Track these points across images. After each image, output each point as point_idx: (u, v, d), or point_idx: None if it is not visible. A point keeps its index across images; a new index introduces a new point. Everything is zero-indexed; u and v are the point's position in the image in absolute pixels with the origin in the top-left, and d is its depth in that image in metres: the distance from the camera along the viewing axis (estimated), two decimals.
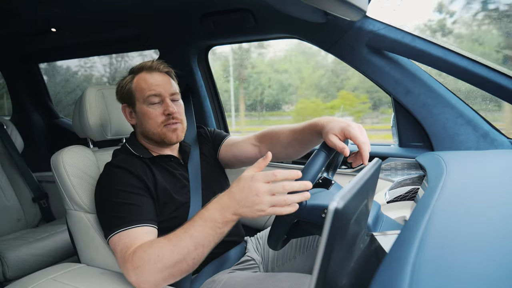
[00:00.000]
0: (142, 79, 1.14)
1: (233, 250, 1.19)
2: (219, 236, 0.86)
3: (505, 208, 0.65)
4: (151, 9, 1.69)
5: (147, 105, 1.12)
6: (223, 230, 0.86)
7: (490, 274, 0.42)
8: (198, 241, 0.85)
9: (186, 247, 0.85)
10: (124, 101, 1.18)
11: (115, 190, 1.01)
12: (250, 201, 0.80)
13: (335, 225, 0.45)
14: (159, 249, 0.87)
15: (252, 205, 0.80)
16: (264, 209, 0.80)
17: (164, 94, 1.13)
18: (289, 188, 0.79)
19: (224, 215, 0.84)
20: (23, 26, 2.00)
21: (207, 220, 0.85)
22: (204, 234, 0.85)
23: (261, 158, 0.86)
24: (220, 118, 2.12)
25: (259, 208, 0.80)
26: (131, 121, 1.20)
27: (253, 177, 0.81)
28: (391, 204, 1.35)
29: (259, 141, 1.26)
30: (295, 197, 0.80)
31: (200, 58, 1.99)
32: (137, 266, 0.87)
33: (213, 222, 0.84)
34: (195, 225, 0.86)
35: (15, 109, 2.87)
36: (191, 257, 0.86)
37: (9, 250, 1.69)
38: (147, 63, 1.17)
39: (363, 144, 0.92)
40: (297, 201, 0.80)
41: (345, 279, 0.58)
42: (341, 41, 1.48)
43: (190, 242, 0.85)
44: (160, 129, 1.13)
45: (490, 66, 1.28)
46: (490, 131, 1.34)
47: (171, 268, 0.86)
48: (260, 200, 0.79)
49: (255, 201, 0.80)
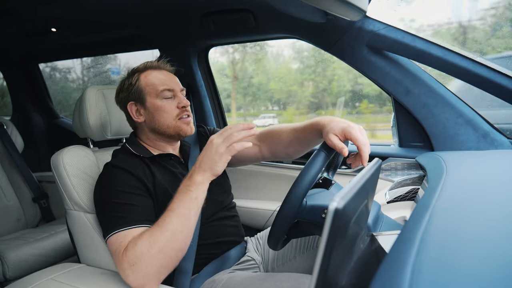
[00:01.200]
0: (152, 76, 1.16)
1: (233, 250, 1.19)
2: (195, 201, 0.91)
3: (505, 208, 0.65)
4: (151, 9, 1.69)
5: (161, 100, 1.13)
6: (197, 194, 0.92)
7: (490, 274, 0.42)
8: (179, 212, 0.90)
9: (171, 222, 0.89)
10: (132, 98, 1.16)
11: (114, 191, 1.01)
12: (208, 152, 0.92)
13: (335, 225, 0.45)
14: (148, 236, 0.89)
15: (210, 154, 0.92)
16: (220, 150, 0.90)
17: (176, 89, 1.16)
18: (235, 127, 0.91)
19: (193, 177, 0.93)
20: (23, 26, 2.00)
21: (181, 190, 0.93)
22: (182, 203, 0.91)
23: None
24: (220, 118, 2.12)
25: (216, 152, 0.91)
26: (138, 119, 1.17)
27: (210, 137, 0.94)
28: (391, 204, 1.35)
29: (259, 140, 1.26)
30: (242, 132, 0.91)
31: (200, 58, 1.99)
32: (133, 263, 0.87)
33: (185, 188, 0.92)
34: (174, 200, 0.93)
35: (15, 109, 2.87)
36: (178, 231, 0.89)
37: (9, 250, 1.69)
38: (152, 63, 1.19)
39: (363, 145, 0.92)
40: (244, 135, 0.91)
41: (345, 279, 0.58)
42: (341, 41, 1.48)
43: (173, 216, 0.90)
44: (176, 122, 1.14)
45: (490, 66, 1.28)
46: (490, 131, 1.34)
47: (165, 248, 0.88)
48: (215, 145, 0.91)
49: (211, 149, 0.92)
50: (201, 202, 0.93)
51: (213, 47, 1.99)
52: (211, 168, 0.92)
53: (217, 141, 0.91)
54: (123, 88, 1.19)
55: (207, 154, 0.92)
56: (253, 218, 1.75)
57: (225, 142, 0.90)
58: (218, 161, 0.91)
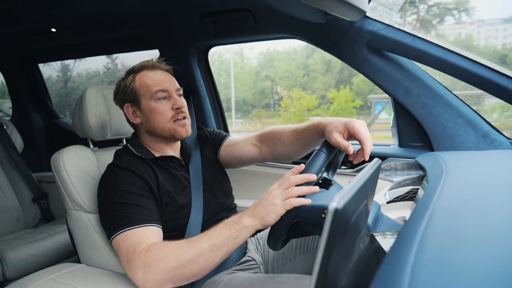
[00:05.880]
0: (146, 77, 1.14)
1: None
2: (234, 240, 0.89)
3: (505, 209, 0.65)
4: (151, 9, 1.69)
5: (155, 101, 1.12)
6: (239, 235, 0.89)
7: (490, 274, 0.42)
8: (214, 242, 0.89)
9: (202, 247, 0.88)
10: (127, 100, 1.16)
11: (119, 191, 1.00)
12: (264, 200, 0.89)
13: (335, 226, 0.45)
14: (176, 248, 0.89)
15: (266, 202, 0.88)
16: (276, 202, 0.86)
17: (171, 89, 1.14)
18: (294, 179, 0.87)
19: (242, 218, 0.90)
20: (23, 26, 2.00)
21: (226, 224, 0.91)
22: (221, 235, 0.89)
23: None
24: (220, 118, 2.12)
25: (271, 202, 0.87)
26: (135, 121, 1.17)
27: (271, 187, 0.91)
28: (391, 204, 1.35)
29: (259, 141, 1.26)
30: (302, 188, 0.86)
31: (200, 58, 1.99)
32: (149, 264, 0.87)
33: (231, 224, 0.90)
34: (216, 228, 0.91)
35: (15, 109, 2.86)
36: (204, 258, 0.88)
37: (9, 250, 1.69)
38: (148, 62, 1.17)
39: (366, 139, 0.92)
40: (305, 192, 0.86)
41: (345, 279, 0.58)
42: (341, 41, 1.48)
43: (206, 243, 0.89)
44: (170, 125, 1.13)
45: (490, 67, 1.28)
46: (490, 131, 1.34)
47: (183, 268, 0.87)
48: (272, 195, 0.88)
49: (268, 198, 0.88)
50: (239, 244, 0.91)
51: (213, 47, 1.99)
52: (262, 217, 0.88)
53: (276, 192, 0.88)
54: (119, 90, 1.18)
55: (263, 202, 0.89)
56: None
57: (283, 195, 0.87)
58: (271, 212, 0.87)
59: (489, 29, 3.64)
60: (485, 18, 3.64)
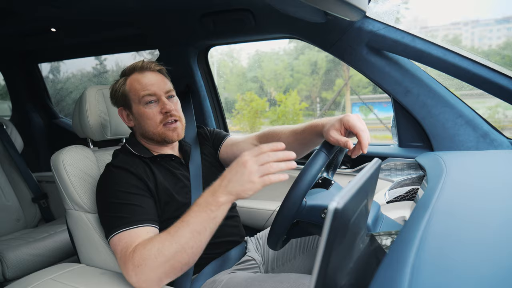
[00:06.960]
0: (135, 80, 1.13)
1: (234, 250, 1.19)
2: (213, 221, 0.85)
3: (505, 209, 0.65)
4: (151, 9, 1.69)
5: (144, 106, 1.11)
6: (217, 214, 0.85)
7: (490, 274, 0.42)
8: (194, 228, 0.85)
9: (183, 236, 0.85)
10: (120, 104, 1.17)
11: (115, 191, 1.00)
12: (239, 175, 0.82)
13: (335, 225, 0.45)
14: (158, 242, 0.87)
15: (241, 178, 0.82)
16: (253, 179, 0.81)
17: (159, 93, 1.12)
18: (273, 156, 0.81)
19: (216, 196, 0.85)
20: (23, 26, 2.00)
21: (201, 205, 0.86)
22: (199, 219, 0.85)
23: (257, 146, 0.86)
24: (220, 118, 2.12)
25: (248, 179, 0.81)
26: (129, 124, 1.18)
27: (242, 155, 0.84)
28: (390, 204, 1.35)
29: (259, 141, 1.26)
30: (281, 165, 0.82)
31: (200, 58, 1.99)
32: (138, 265, 0.86)
33: (206, 205, 0.85)
34: (191, 213, 0.87)
35: (15, 109, 2.86)
36: (189, 246, 0.85)
37: (8, 250, 1.69)
38: (138, 64, 1.15)
39: (362, 131, 0.92)
40: (283, 168, 0.82)
41: (345, 279, 0.58)
42: (341, 41, 1.48)
43: (186, 230, 0.85)
44: (160, 129, 1.12)
45: (490, 67, 1.28)
46: (489, 131, 1.34)
47: (172, 260, 0.86)
48: (248, 170, 0.81)
49: (243, 173, 0.81)
50: (219, 222, 0.87)
51: (213, 47, 1.99)
52: (239, 193, 0.84)
53: (252, 168, 0.81)
54: (112, 94, 1.19)
55: (238, 177, 0.82)
56: (253, 218, 1.75)
57: (260, 171, 0.81)
58: (248, 189, 0.82)
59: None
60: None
